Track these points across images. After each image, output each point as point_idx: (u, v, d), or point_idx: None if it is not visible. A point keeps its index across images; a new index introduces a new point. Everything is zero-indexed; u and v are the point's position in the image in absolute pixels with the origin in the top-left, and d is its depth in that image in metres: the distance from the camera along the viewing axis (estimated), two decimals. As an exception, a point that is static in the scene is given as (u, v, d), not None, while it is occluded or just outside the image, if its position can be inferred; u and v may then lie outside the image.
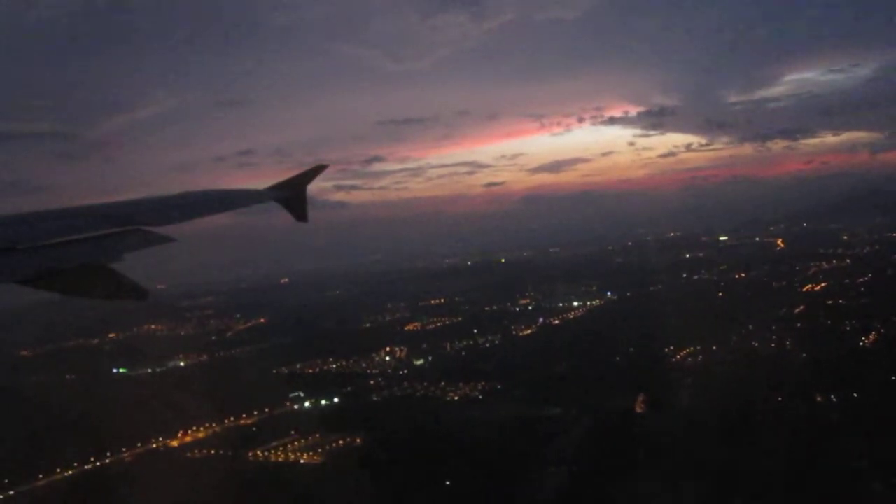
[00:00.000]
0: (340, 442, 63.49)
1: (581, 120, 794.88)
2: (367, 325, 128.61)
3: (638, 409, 63.72)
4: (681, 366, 77.31)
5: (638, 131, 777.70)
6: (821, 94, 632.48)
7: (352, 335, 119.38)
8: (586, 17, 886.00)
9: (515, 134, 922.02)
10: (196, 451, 65.67)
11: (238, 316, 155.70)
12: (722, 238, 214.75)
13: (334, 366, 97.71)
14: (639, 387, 70.18)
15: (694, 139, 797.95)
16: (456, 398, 75.21)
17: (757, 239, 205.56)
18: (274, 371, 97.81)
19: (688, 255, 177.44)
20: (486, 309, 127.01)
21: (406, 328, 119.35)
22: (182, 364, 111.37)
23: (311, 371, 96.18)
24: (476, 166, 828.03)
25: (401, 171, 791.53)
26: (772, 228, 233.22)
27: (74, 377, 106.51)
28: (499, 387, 76.50)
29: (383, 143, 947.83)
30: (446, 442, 58.65)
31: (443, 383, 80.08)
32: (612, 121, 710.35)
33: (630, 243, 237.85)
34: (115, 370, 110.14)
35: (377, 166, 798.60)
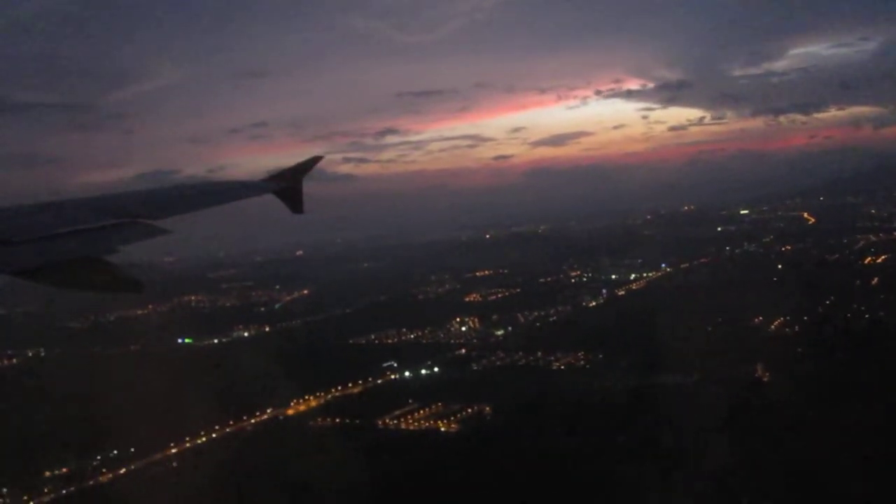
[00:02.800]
0: (468, 410, 63.44)
1: (588, 94, 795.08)
2: (421, 296, 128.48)
3: (764, 378, 64.44)
4: (780, 336, 78.06)
5: (641, 105, 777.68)
6: (827, 68, 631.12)
7: (411, 306, 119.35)
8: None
9: (520, 107, 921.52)
10: (319, 420, 65.48)
11: (277, 287, 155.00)
12: (743, 212, 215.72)
13: (411, 336, 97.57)
14: (749, 356, 71.11)
15: (697, 113, 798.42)
16: (562, 367, 75.49)
17: (779, 213, 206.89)
18: (350, 342, 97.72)
19: (720, 229, 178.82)
20: (541, 281, 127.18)
21: (466, 299, 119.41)
22: (246, 335, 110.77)
23: (389, 342, 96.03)
24: (481, 139, 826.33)
25: (409, 143, 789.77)
26: (788, 202, 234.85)
27: (140, 347, 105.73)
28: (600, 356, 76.81)
29: (395, 115, 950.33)
30: (583, 410, 58.90)
31: (539, 353, 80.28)
32: (614, 94, 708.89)
33: (649, 217, 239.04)
34: (179, 340, 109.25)
35: (387, 139, 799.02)
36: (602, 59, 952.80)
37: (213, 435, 63.71)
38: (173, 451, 61.26)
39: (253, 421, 66.79)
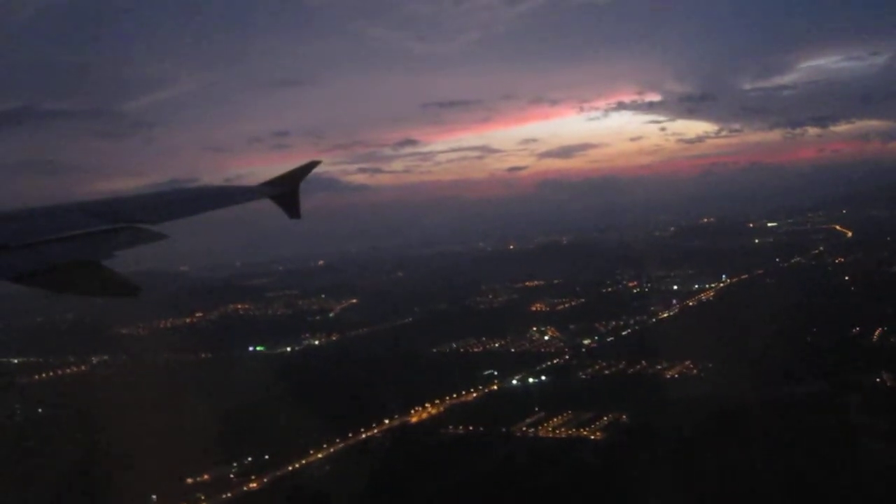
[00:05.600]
0: (604, 419, 63.10)
1: (599, 106, 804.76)
2: (483, 305, 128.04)
3: (899, 387, 64.54)
4: (887, 345, 78.19)
5: (650, 118, 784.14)
6: (837, 81, 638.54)
7: (476, 315, 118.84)
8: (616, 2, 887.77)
9: (532, 119, 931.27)
10: (451, 428, 64.68)
11: (323, 296, 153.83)
12: (770, 224, 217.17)
13: (495, 345, 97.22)
14: (866, 365, 71.18)
15: (708, 126, 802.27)
16: (675, 376, 75.32)
17: (809, 225, 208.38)
18: (434, 350, 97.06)
19: (757, 241, 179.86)
20: (602, 291, 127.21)
21: (531, 309, 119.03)
22: (317, 343, 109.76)
23: (475, 350, 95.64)
24: (493, 150, 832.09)
25: (422, 154, 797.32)
26: (810, 215, 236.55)
27: (211, 356, 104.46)
28: (710, 365, 76.73)
29: (413, 125, 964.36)
30: (731, 419, 58.27)
31: (642, 362, 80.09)
32: (624, 107, 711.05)
33: (673, 228, 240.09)
34: (250, 348, 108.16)
35: (402, 150, 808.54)
36: (613, 72, 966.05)
37: (347, 443, 62.73)
38: (312, 458, 60.13)
39: (381, 428, 65.86)
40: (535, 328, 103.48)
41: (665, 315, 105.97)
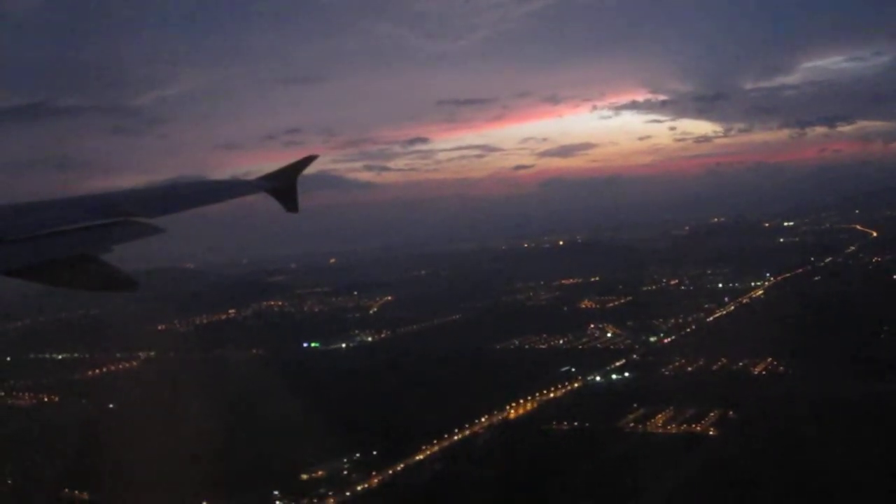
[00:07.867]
0: (711, 415, 62.67)
1: (602, 105, 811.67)
2: (530, 303, 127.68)
3: None
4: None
5: (652, 117, 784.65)
6: (840, 82, 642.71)
7: (525, 313, 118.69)
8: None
9: (534, 117, 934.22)
10: (554, 424, 63.94)
11: (355, 293, 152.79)
12: (787, 224, 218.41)
13: (559, 341, 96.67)
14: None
15: (709, 126, 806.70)
16: (763, 372, 75.16)
17: (827, 225, 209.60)
18: (498, 346, 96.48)
19: (781, 240, 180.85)
20: (645, 289, 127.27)
21: (580, 306, 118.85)
22: (370, 340, 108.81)
23: (541, 347, 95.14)
24: (495, 149, 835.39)
25: (426, 152, 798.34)
26: (823, 215, 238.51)
27: (263, 352, 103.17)
28: (794, 361, 76.58)
29: (424, 123, 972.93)
30: (851, 414, 57.88)
31: (723, 359, 79.84)
32: (626, 106, 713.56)
33: (688, 228, 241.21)
34: (304, 344, 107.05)
35: (408, 148, 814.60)
36: (615, 71, 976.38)
37: (452, 439, 61.86)
38: (423, 454, 59.21)
39: (482, 424, 65.03)
40: (592, 325, 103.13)
41: (722, 313, 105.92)
